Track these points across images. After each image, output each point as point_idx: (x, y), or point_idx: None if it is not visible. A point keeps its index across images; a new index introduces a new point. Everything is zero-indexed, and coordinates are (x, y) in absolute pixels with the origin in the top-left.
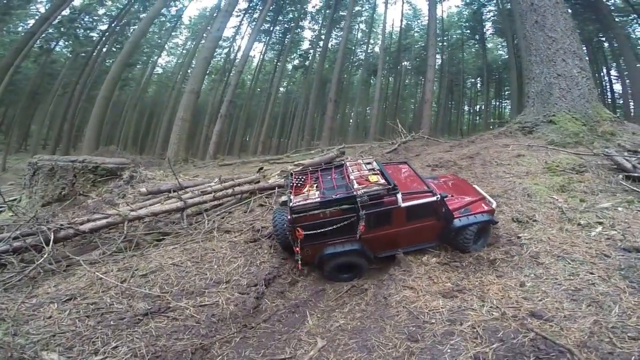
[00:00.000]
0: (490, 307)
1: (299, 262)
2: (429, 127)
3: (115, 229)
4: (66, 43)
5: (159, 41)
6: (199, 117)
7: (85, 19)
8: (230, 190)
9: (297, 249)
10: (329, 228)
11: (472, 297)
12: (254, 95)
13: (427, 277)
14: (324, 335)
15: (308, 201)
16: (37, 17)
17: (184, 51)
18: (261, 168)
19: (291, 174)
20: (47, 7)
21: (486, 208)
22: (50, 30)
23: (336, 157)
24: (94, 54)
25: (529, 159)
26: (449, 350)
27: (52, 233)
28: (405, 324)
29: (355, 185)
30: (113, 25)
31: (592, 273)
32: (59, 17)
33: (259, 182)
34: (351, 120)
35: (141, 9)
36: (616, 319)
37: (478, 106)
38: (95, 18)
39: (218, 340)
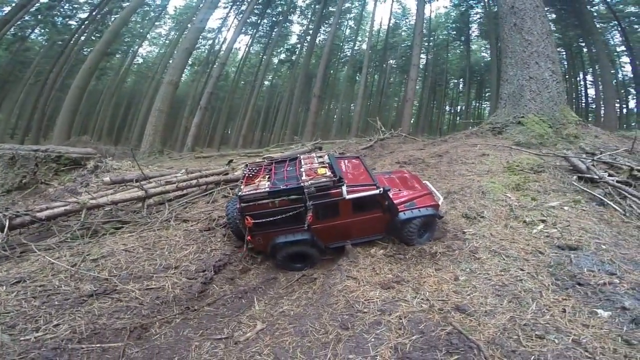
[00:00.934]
0: (422, 299)
1: (246, 247)
2: (409, 126)
3: (74, 216)
4: (42, 31)
5: (141, 31)
6: (179, 109)
7: (65, 7)
8: (194, 181)
9: (249, 237)
10: (278, 217)
11: (408, 288)
12: (237, 88)
13: (372, 269)
14: (266, 319)
15: (257, 191)
16: (13, 4)
17: (167, 41)
18: (231, 160)
19: (246, 165)
20: None
21: (431, 202)
22: (27, 18)
23: (311, 151)
24: (72, 42)
25: (492, 159)
26: (372, 340)
27: (7, 220)
28: (341, 312)
29: (304, 177)
30: (94, 13)
31: (522, 269)
32: (37, 4)
33: (227, 174)
34: (335, 117)
35: None
36: (530, 316)
37: (459, 107)
38: (76, 6)
39: (158, 320)
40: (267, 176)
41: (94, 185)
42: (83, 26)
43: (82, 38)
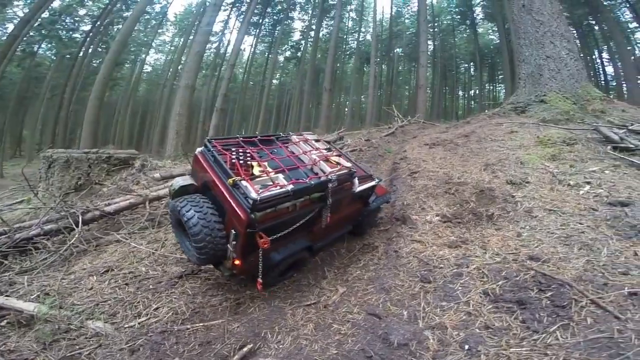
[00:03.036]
0: (492, 253)
1: (233, 272)
2: (424, 112)
3: (136, 210)
4: (49, 45)
5: (146, 39)
6: (194, 113)
7: (67, 20)
8: None
9: (239, 261)
10: (295, 225)
11: (475, 246)
12: (247, 89)
13: (432, 233)
14: (343, 284)
15: (278, 190)
16: (17, 21)
17: (172, 48)
18: None
19: (210, 141)
20: (24, 11)
21: (384, 189)
22: (32, 33)
23: (335, 141)
24: (80, 55)
25: (522, 135)
26: (460, 288)
27: (81, 215)
28: (417, 269)
29: (326, 168)
30: (97, 25)
31: (581, 223)
32: (39, 19)
33: None
34: (347, 109)
35: (124, 7)
36: (606, 259)
37: (472, 91)
38: (77, 19)
39: (249, 295)
40: (267, 163)
41: (144, 182)
42: (88, 38)
43: (90, 50)
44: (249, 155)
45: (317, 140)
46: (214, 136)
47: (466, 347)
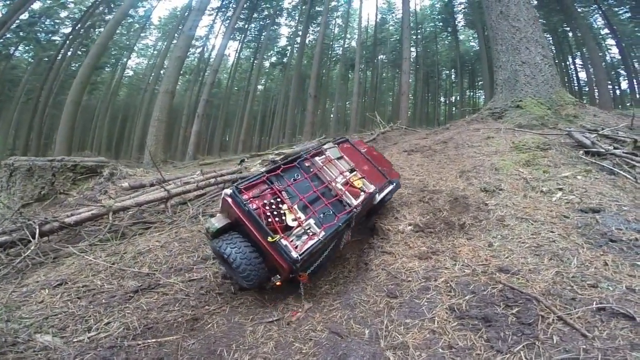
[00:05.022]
0: (462, 265)
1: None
2: (406, 119)
3: (100, 221)
4: (27, 48)
5: (128, 43)
6: (175, 119)
7: (47, 22)
8: (213, 180)
9: (279, 283)
10: (325, 253)
11: (445, 257)
12: (232, 95)
13: (404, 243)
14: (310, 299)
15: (313, 242)
16: None
17: (155, 52)
18: (243, 160)
19: (238, 188)
20: (3, 12)
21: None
22: (9, 35)
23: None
24: (59, 58)
25: (498, 140)
26: (425, 303)
27: (38, 226)
28: (385, 283)
29: (353, 201)
30: (77, 28)
31: (552, 232)
32: (17, 21)
33: (241, 172)
34: (332, 115)
35: (106, 10)
36: (575, 270)
37: (454, 97)
38: (57, 21)
39: (207, 311)
40: (298, 204)
41: (112, 192)
42: (67, 41)
43: (69, 53)
44: (279, 200)
45: (339, 158)
46: (240, 181)
47: None
